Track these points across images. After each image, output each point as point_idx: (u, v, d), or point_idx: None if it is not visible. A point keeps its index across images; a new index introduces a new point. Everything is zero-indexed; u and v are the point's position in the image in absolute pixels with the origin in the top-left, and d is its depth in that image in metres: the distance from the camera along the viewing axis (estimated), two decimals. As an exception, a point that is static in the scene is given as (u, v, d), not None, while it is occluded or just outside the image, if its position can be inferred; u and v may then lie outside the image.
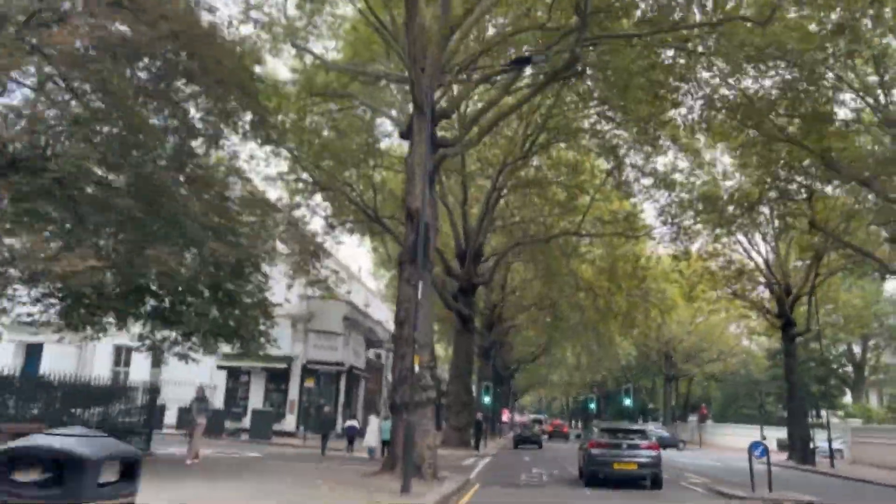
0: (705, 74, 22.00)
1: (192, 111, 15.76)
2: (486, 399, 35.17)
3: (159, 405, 28.57)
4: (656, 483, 15.56)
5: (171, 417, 28.11)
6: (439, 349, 66.12)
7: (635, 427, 18.63)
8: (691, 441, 58.91)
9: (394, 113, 21.76)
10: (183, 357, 16.69)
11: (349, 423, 24.71)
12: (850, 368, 50.71)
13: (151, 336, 16.06)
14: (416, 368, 15.06)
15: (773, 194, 26.77)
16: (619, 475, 15.30)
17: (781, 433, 50.88)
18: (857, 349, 50.65)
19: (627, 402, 35.25)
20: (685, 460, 32.38)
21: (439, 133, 18.80)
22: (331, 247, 31.36)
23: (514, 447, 37.04)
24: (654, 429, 49.15)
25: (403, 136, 17.38)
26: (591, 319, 43.18)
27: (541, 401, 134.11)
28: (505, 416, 62.76)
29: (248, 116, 18.04)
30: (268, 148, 27.76)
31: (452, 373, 30.82)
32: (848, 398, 52.32)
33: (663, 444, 45.51)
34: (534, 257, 33.88)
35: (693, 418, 61.40)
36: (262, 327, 17.80)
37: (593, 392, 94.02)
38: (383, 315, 51.99)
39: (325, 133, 26.60)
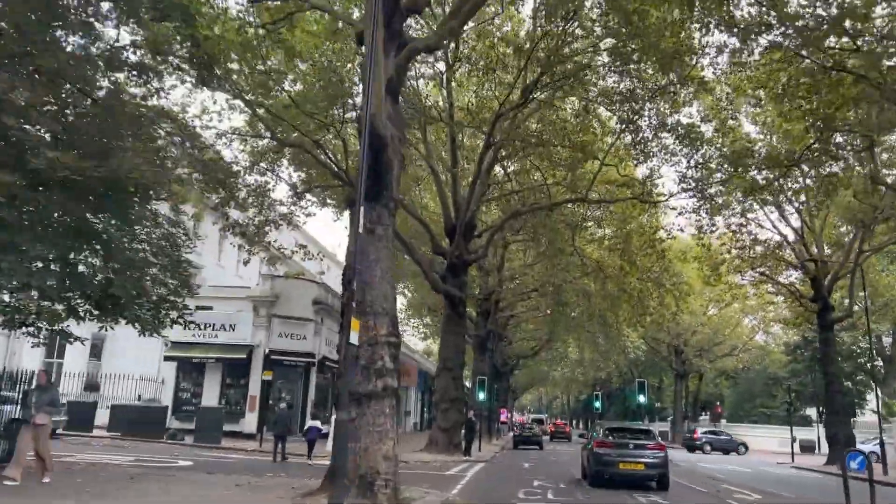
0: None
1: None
2: (482, 396, 30.65)
3: (90, 402, 24.12)
4: (663, 484, 14.98)
5: (104, 417, 23.50)
6: (431, 344, 61.77)
7: (641, 427, 18.24)
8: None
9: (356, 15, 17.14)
10: (30, 333, 11.96)
11: (310, 423, 20.15)
12: (879, 363, 46.12)
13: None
14: (364, 344, 10.57)
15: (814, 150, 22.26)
16: (624, 476, 14.83)
17: (803, 433, 46.56)
18: (886, 340, 46.02)
19: (641, 398, 30.73)
20: (710, 466, 27.79)
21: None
22: (305, 225, 26.93)
23: (514, 447, 35.08)
24: (709, 430, 44.52)
25: (360, 40, 12.82)
26: (597, 308, 38.73)
27: (541, 399, 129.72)
28: (503, 416, 58.37)
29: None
30: (223, 100, 23.45)
31: (440, 365, 26.26)
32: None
33: (720, 447, 42.93)
34: (535, 233, 29.27)
35: (704, 418, 56.81)
36: (170, 297, 13.21)
37: (597, 390, 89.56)
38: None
39: (287, 86, 22.16)
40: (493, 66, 20.49)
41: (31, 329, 11.48)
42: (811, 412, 49.46)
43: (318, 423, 20.13)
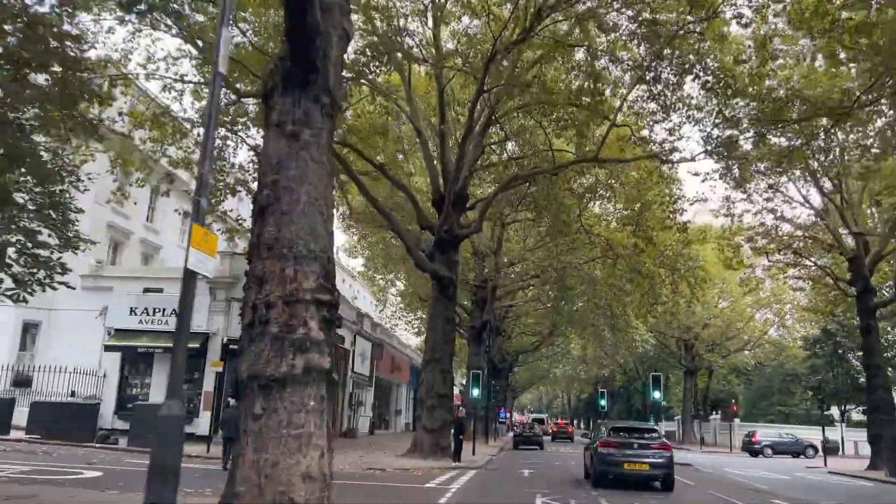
0: None
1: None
2: (476, 392, 26.88)
3: (6, 399, 20.36)
4: (668, 485, 14.66)
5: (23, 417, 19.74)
6: (417, 338, 57.90)
7: (646, 426, 17.86)
8: (715, 444, 50.56)
9: None
10: None
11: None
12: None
13: None
14: (278, 301, 6.89)
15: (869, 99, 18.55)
16: (629, 476, 14.52)
17: (819, 434, 42.63)
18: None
19: (657, 394, 27.00)
20: (739, 472, 24.01)
21: None
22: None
23: (514, 448, 33.98)
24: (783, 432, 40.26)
25: None
26: (604, 296, 35.02)
27: (541, 399, 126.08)
28: (502, 415, 54.68)
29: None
30: (174, 49, 19.78)
31: (426, 355, 22.50)
32: None
33: (784, 451, 37.82)
34: (536, 206, 25.49)
35: (716, 417, 53.05)
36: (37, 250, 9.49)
37: (600, 388, 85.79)
38: (347, 290, 43.70)
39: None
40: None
41: None
42: (833, 411, 45.71)
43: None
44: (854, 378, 43.62)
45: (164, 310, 22.42)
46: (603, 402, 44.00)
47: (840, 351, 44.82)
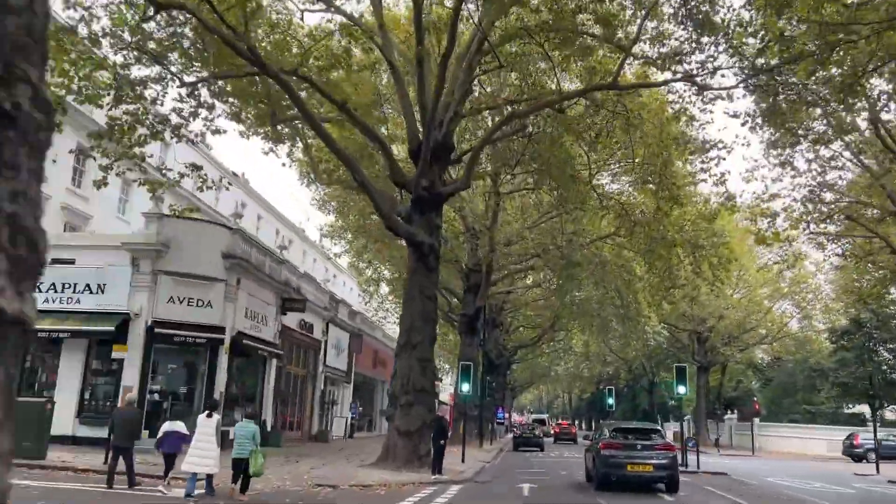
0: None
1: None
2: (465, 387, 22.34)
3: None
4: (672, 487, 14.09)
5: None
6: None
7: (649, 426, 17.26)
8: (731, 446, 46.02)
9: None
10: None
11: (167, 427, 11.90)
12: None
13: None
14: None
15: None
16: (633, 478, 14.04)
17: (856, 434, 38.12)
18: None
19: (682, 389, 22.41)
20: (784, 481, 19.43)
21: None
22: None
23: (514, 449, 32.93)
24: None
25: None
26: (614, 279, 30.54)
27: (541, 399, 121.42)
28: (500, 415, 50.17)
29: None
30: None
31: (401, 339, 17.93)
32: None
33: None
34: (538, 162, 20.85)
35: (731, 416, 48.45)
36: None
37: (601, 388, 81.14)
38: (318, 270, 39.16)
39: None
40: None
41: None
42: (863, 409, 41.21)
43: (179, 427, 11.88)
44: (886, 373, 39.21)
45: (74, 285, 17.90)
46: (610, 401, 39.52)
47: (870, 343, 40.44)
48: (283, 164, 22.20)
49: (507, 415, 66.64)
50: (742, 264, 43.12)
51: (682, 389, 22.29)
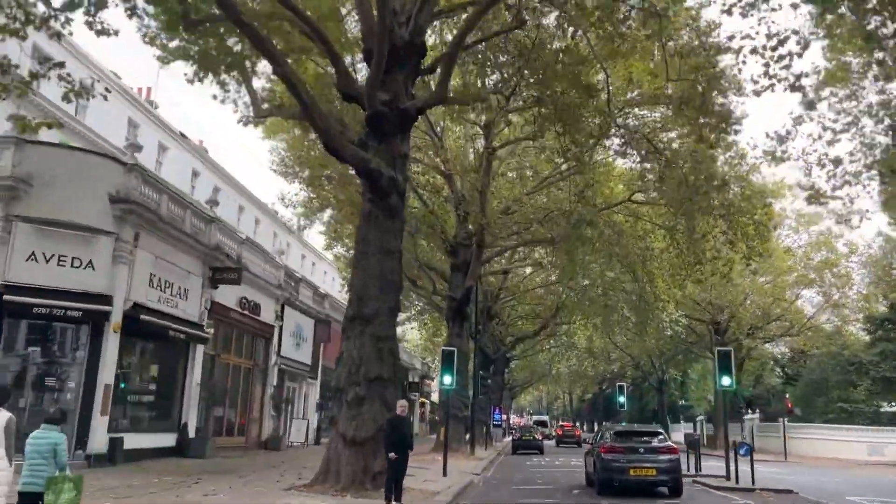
0: None
1: None
2: (447, 379, 17.21)
3: None
4: (676, 490, 13.62)
5: None
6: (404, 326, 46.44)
7: (651, 429, 16.94)
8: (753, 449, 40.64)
9: None
10: None
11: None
12: None
13: None
14: None
15: None
16: (636, 482, 13.50)
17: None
18: None
19: (726, 380, 17.07)
20: (857, 498, 14.17)
21: None
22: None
23: (513, 453, 32.04)
24: None
25: None
26: (631, 250, 25.44)
27: (541, 400, 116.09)
28: (497, 417, 44.97)
29: None
30: None
31: (351, 309, 12.60)
32: None
33: None
34: (540, 64, 15.45)
35: (752, 416, 43.04)
36: None
37: (603, 387, 75.92)
38: (264, 232, 34.18)
39: None
40: None
41: None
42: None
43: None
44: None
45: None
46: (621, 399, 34.36)
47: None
48: (215, 97, 16.81)
49: (504, 416, 61.45)
50: (767, 245, 38.17)
51: (726, 381, 16.95)
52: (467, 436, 27.49)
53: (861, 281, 38.19)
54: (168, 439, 16.11)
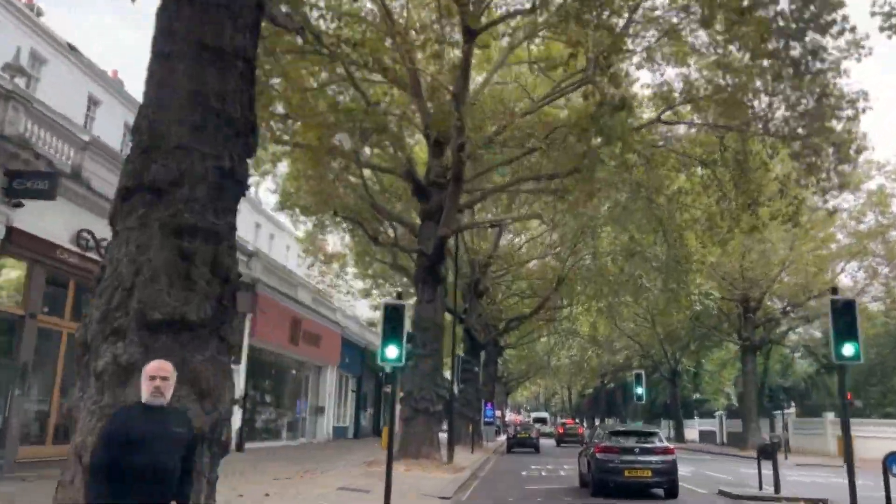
0: None
1: None
2: (392, 350, 10.41)
3: None
4: (672, 493, 13.32)
5: None
6: (366, 303, 37.44)
7: (648, 429, 16.31)
8: (789, 449, 33.63)
9: None
10: None
11: None
12: None
13: None
14: None
15: None
16: (631, 484, 13.11)
17: None
18: None
19: (848, 349, 10.41)
20: None
21: None
22: None
23: (508, 451, 30.73)
24: None
25: None
26: (656, 184, 18.73)
27: (538, 397, 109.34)
28: (491, 413, 38.09)
29: None
30: None
31: (128, 173, 5.85)
32: None
33: None
34: None
35: (788, 412, 36.05)
36: None
37: (605, 382, 68.91)
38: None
39: None
40: None
41: None
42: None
43: None
44: None
45: None
46: (639, 391, 27.58)
47: None
48: None
49: (498, 413, 54.59)
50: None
51: (848, 350, 10.09)
52: (446, 435, 20.69)
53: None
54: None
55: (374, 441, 26.82)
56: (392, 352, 10.61)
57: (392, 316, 10.74)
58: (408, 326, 17.91)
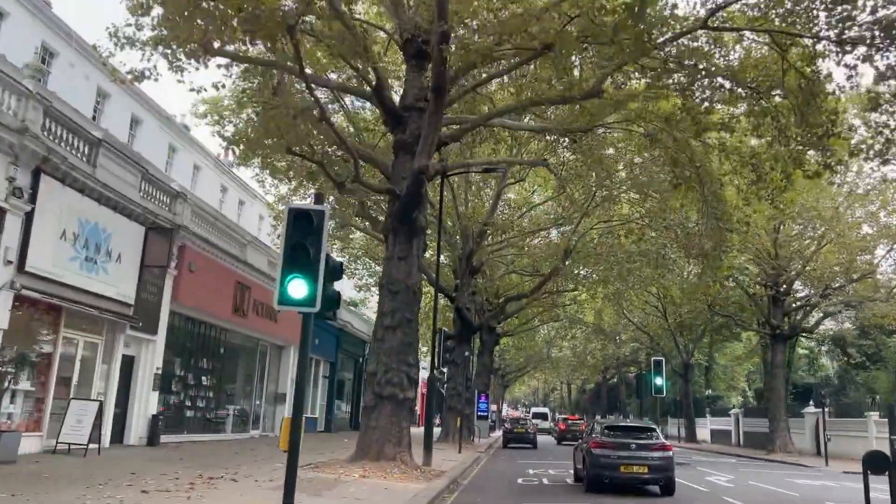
0: None
1: None
2: (298, 289, 5.77)
3: None
4: (668, 489, 12.86)
5: None
6: (372, 290, 33.31)
7: (644, 425, 15.45)
8: (816, 452, 29.14)
9: None
10: None
11: None
12: None
13: None
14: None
15: None
16: (627, 480, 12.75)
17: None
18: None
19: None
20: None
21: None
22: None
23: (504, 446, 29.76)
24: None
25: None
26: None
27: (536, 393, 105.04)
28: (485, 406, 33.79)
29: None
30: None
31: None
32: None
33: None
34: None
35: (814, 410, 31.62)
36: None
37: (606, 376, 64.44)
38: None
39: None
40: None
41: None
42: None
43: None
44: None
45: None
46: (658, 382, 23.21)
47: None
48: None
49: (495, 407, 50.32)
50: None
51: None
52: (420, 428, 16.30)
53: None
54: None
55: (348, 436, 22.54)
56: (298, 289, 6.21)
57: (300, 229, 6.32)
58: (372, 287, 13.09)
